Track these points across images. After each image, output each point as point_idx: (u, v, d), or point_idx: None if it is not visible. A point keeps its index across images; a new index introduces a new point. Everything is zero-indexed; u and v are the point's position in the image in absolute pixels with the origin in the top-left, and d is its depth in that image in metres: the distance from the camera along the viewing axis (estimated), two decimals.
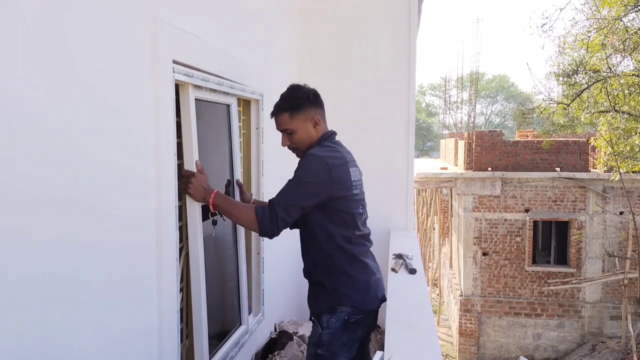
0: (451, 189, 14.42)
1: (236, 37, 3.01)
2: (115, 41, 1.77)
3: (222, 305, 2.96)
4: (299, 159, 2.42)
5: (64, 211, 1.52)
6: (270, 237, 2.35)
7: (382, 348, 2.46)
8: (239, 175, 3.02)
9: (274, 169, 3.63)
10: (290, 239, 3.97)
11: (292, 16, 4.43)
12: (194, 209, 2.40)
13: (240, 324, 3.12)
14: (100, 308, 1.72)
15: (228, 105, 2.91)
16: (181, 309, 2.37)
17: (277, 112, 2.44)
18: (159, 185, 2.06)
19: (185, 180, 2.27)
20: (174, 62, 2.15)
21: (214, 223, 2.63)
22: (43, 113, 1.43)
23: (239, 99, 3.10)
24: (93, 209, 1.66)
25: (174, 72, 2.14)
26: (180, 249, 2.35)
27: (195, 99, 2.42)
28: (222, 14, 2.77)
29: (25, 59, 1.36)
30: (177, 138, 2.27)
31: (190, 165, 2.36)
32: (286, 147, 2.49)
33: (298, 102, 2.40)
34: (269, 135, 3.48)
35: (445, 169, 15.22)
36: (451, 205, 15.99)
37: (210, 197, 2.29)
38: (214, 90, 2.65)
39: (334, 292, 2.41)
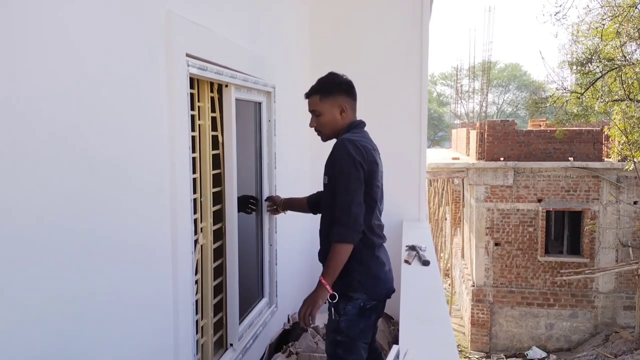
0: (463, 179, 14.34)
1: (248, 30, 3.00)
2: (128, 34, 1.78)
3: (248, 280, 3.18)
4: (323, 142, 2.64)
5: (77, 207, 1.53)
6: (362, 234, 2.37)
7: (395, 340, 2.47)
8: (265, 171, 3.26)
9: (286, 160, 3.63)
10: (304, 232, 3.99)
11: (303, 6, 4.41)
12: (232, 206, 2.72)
13: (263, 297, 3.43)
14: (115, 296, 1.73)
15: (252, 102, 2.92)
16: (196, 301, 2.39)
17: (309, 94, 2.57)
18: (173, 177, 2.07)
19: (308, 309, 2.35)
20: (188, 55, 2.15)
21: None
22: (54, 109, 1.43)
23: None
24: (107, 203, 1.67)
25: (188, 65, 2.14)
26: (195, 242, 2.37)
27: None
28: (233, 6, 2.77)
29: (36, 53, 1.37)
30: (193, 132, 2.28)
31: (230, 156, 2.67)
32: (312, 128, 2.61)
33: (330, 87, 2.53)
34: (281, 127, 3.48)
35: (457, 159, 15.14)
36: (463, 196, 15.91)
37: (327, 287, 2.35)
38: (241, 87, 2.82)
39: (346, 279, 2.42)
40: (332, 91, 2.53)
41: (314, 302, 2.33)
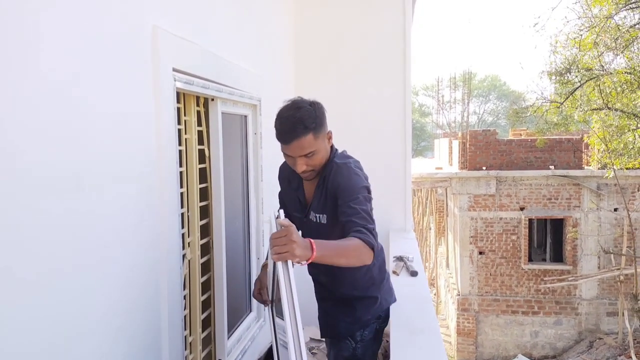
0: (446, 189, 14.45)
1: (233, 43, 3.01)
2: (115, 50, 1.77)
3: (236, 294, 3.18)
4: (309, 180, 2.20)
5: (67, 222, 1.52)
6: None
7: (387, 352, 2.47)
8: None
9: (272, 173, 3.62)
10: None
11: (288, 19, 4.43)
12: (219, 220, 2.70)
13: (251, 311, 3.42)
14: (105, 313, 1.71)
15: (234, 115, 2.92)
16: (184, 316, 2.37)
17: (301, 134, 2.02)
18: (161, 192, 2.05)
19: (283, 242, 1.61)
20: (174, 69, 2.15)
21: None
22: (44, 122, 1.42)
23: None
24: (95, 218, 1.66)
25: (174, 80, 2.14)
26: (183, 256, 2.35)
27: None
28: (218, 20, 2.77)
29: (25, 67, 1.36)
30: (179, 146, 2.27)
31: (217, 170, 2.60)
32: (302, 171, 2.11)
33: (321, 118, 2.10)
34: (268, 140, 3.48)
35: (440, 168, 15.25)
36: (446, 205, 16.00)
37: (311, 252, 1.68)
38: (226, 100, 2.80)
39: (374, 304, 2.39)
40: (323, 122, 2.11)
41: (300, 246, 1.62)
